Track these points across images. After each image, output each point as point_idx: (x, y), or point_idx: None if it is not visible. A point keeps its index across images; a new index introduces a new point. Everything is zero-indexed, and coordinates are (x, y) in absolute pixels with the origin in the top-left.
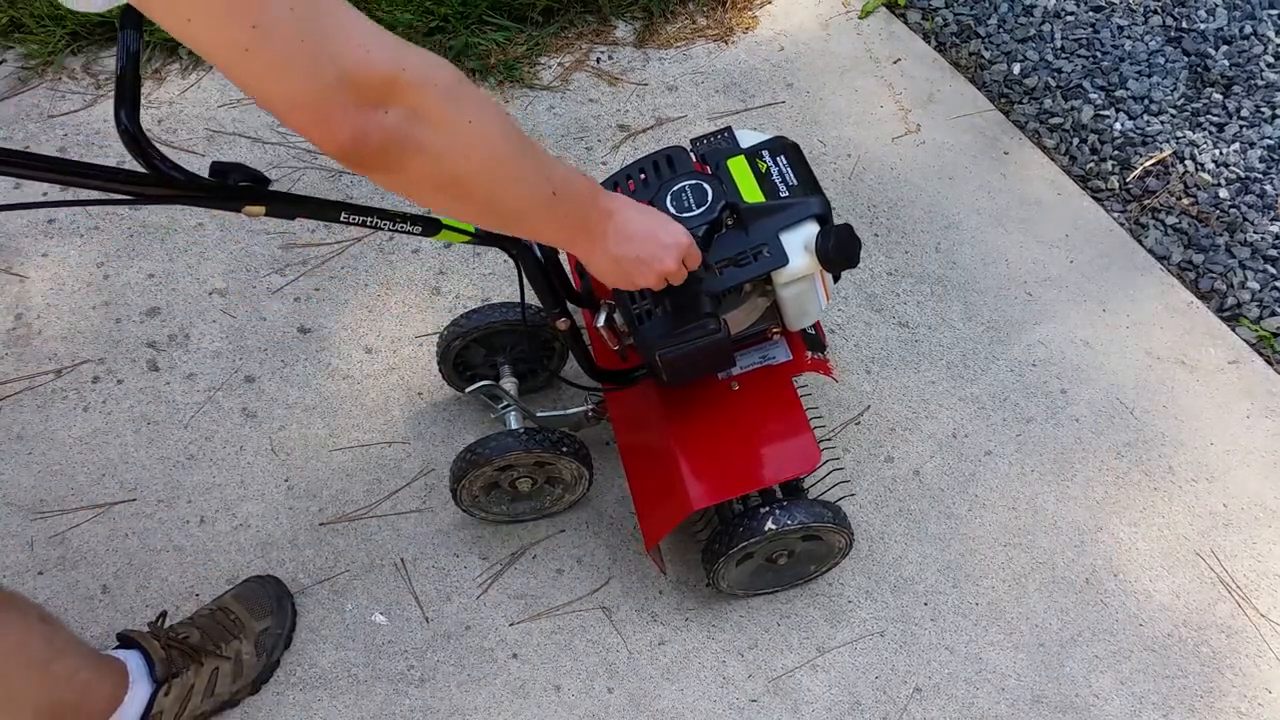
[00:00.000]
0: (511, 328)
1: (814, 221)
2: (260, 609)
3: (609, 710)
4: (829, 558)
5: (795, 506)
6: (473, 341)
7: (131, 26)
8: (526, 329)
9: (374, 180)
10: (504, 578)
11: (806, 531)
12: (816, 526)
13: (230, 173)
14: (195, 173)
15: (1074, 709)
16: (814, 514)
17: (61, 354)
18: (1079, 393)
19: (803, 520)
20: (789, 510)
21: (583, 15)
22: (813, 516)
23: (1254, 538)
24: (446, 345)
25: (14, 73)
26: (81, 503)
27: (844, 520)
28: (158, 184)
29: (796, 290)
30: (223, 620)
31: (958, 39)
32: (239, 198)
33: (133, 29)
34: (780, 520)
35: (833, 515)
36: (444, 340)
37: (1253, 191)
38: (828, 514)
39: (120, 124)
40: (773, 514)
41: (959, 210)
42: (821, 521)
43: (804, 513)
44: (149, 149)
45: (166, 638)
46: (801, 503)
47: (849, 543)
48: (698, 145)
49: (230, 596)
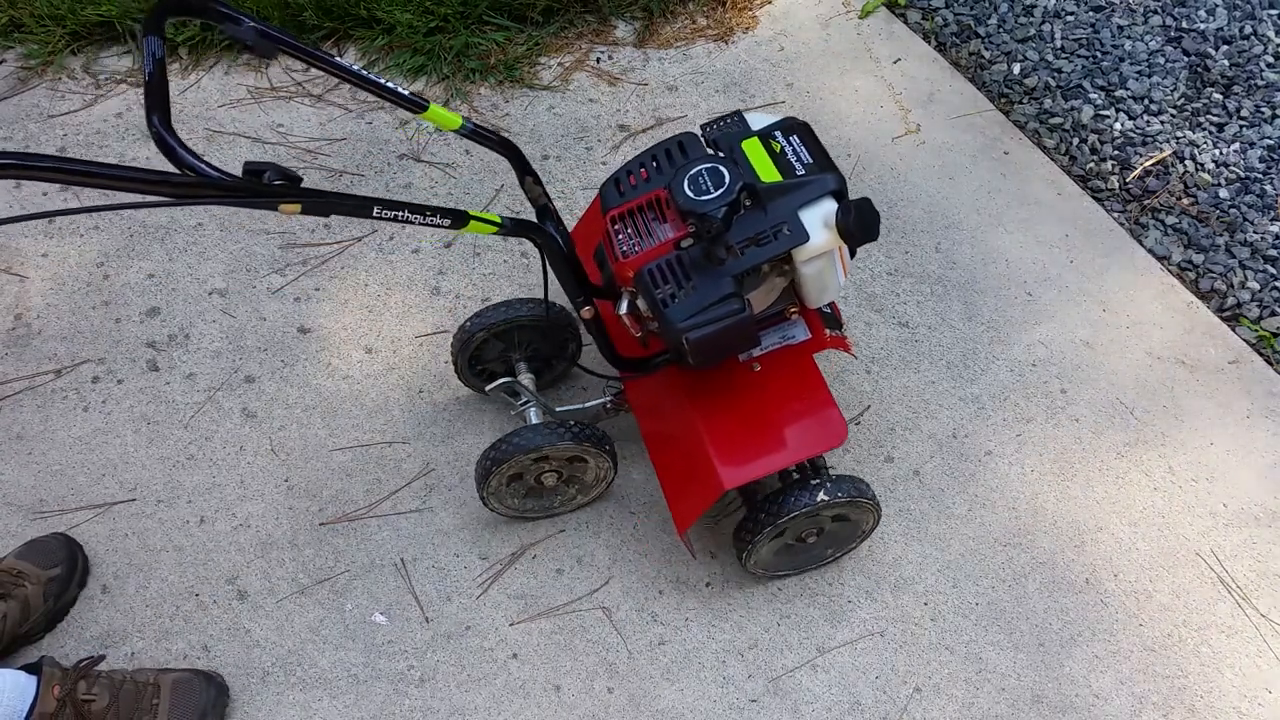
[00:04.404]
0: (533, 323)
1: (831, 198)
2: (47, 560)
3: (609, 710)
4: (850, 540)
5: (843, 480)
6: (492, 336)
7: (155, 32)
8: (549, 322)
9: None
10: (504, 578)
11: (851, 504)
12: (861, 501)
13: (264, 172)
14: (230, 172)
15: (1074, 709)
16: (858, 489)
17: (61, 354)
18: (1079, 393)
19: (850, 493)
20: (838, 483)
21: (583, 15)
22: (858, 491)
23: (1254, 538)
24: (469, 337)
25: (14, 73)
26: (81, 503)
27: (873, 497)
28: (194, 185)
29: (817, 267)
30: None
31: (958, 39)
32: (275, 196)
33: (156, 34)
34: (832, 492)
35: (870, 491)
36: (465, 333)
37: (1253, 191)
38: (868, 490)
39: (153, 128)
40: (824, 486)
41: (959, 210)
42: (864, 496)
43: (851, 486)
44: (184, 151)
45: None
46: (847, 477)
47: (876, 522)
48: (709, 130)
49: (13, 557)
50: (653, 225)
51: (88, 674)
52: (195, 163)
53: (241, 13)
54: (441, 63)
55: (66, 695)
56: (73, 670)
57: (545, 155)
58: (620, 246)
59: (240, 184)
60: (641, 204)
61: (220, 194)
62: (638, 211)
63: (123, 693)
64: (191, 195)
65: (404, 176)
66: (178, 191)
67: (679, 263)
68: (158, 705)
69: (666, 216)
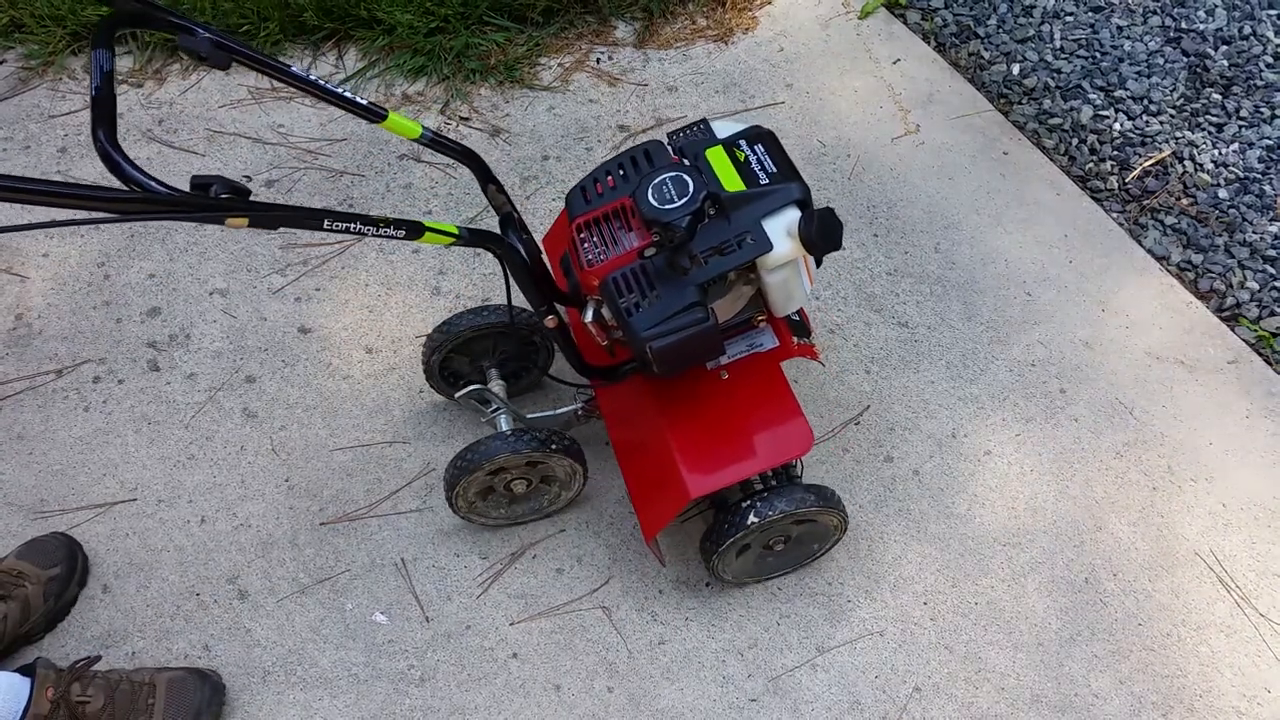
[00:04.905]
0: (483, 333)
1: (795, 207)
2: (47, 560)
3: (609, 710)
4: (829, 537)
5: (775, 495)
6: (452, 352)
7: (104, 45)
8: (513, 328)
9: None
10: (504, 577)
11: (794, 517)
12: (800, 513)
13: (211, 185)
14: (176, 187)
15: (1073, 709)
16: (795, 500)
17: (62, 354)
18: (1079, 393)
19: (784, 509)
20: (769, 501)
21: (583, 16)
22: (794, 503)
23: (1254, 538)
24: (427, 361)
25: (14, 73)
26: (82, 502)
27: (831, 499)
28: (140, 201)
29: (782, 276)
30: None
31: (957, 39)
32: (221, 210)
33: (104, 47)
34: (761, 512)
35: (816, 498)
36: (424, 356)
37: (1252, 191)
38: (810, 498)
39: (98, 143)
40: (754, 506)
41: (959, 210)
42: (805, 506)
43: (784, 500)
44: (129, 167)
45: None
46: (782, 491)
47: (843, 521)
48: (674, 139)
49: (13, 557)
50: (618, 233)
51: (82, 675)
52: (141, 178)
53: (195, 22)
54: (442, 63)
55: (60, 697)
56: (67, 671)
57: (545, 156)
58: (585, 255)
59: (186, 199)
60: (607, 212)
61: (166, 209)
62: (603, 220)
63: (118, 693)
64: (136, 211)
65: (404, 177)
66: (121, 207)
67: (643, 271)
68: (153, 705)
69: (632, 225)
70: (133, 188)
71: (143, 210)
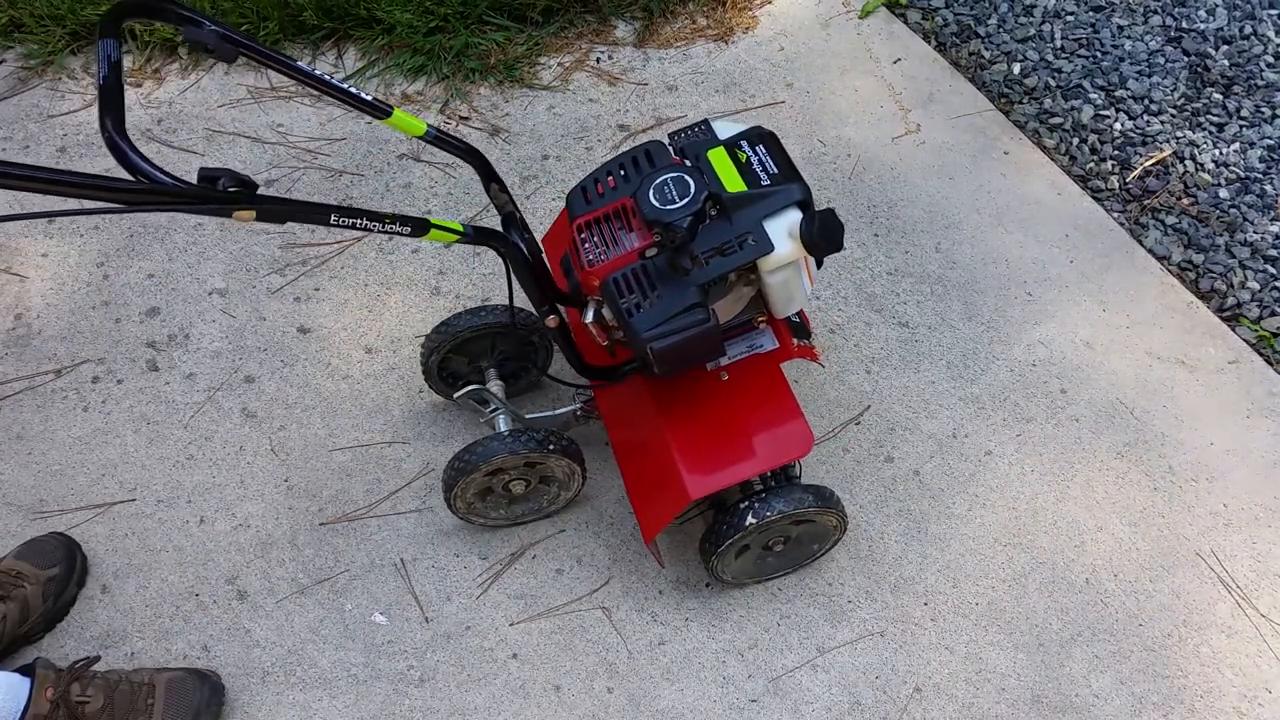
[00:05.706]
0: (481, 333)
1: (796, 208)
2: (46, 560)
3: (609, 710)
4: (828, 537)
5: (774, 496)
6: (450, 352)
7: (111, 35)
8: (513, 328)
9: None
10: (504, 578)
11: (793, 518)
12: (799, 513)
13: (219, 178)
14: (183, 179)
15: (1074, 709)
16: (793, 500)
17: (61, 354)
18: (1079, 393)
19: (782, 509)
20: (767, 501)
21: (583, 15)
22: (792, 504)
23: (1254, 538)
24: (425, 362)
25: (14, 73)
26: (81, 503)
27: (829, 500)
28: (146, 192)
29: (783, 277)
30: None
31: (958, 39)
32: (228, 203)
33: (112, 37)
34: (760, 512)
35: (815, 498)
36: (422, 356)
37: (1252, 191)
38: (809, 498)
39: (105, 133)
40: (752, 507)
41: (959, 210)
42: (803, 507)
43: (782, 501)
44: (136, 157)
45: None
46: (781, 491)
47: (842, 521)
48: (675, 139)
49: (12, 557)
50: (619, 234)
51: (82, 675)
52: (148, 169)
53: (202, 15)
54: (441, 63)
55: (60, 697)
56: (67, 672)
57: (545, 155)
58: (586, 255)
59: (193, 190)
60: (608, 212)
61: (173, 200)
62: (604, 220)
63: (117, 694)
64: (143, 201)
65: (404, 176)
66: (128, 198)
67: (644, 272)
68: (152, 705)
69: (633, 225)
70: (139, 179)
71: (149, 201)
